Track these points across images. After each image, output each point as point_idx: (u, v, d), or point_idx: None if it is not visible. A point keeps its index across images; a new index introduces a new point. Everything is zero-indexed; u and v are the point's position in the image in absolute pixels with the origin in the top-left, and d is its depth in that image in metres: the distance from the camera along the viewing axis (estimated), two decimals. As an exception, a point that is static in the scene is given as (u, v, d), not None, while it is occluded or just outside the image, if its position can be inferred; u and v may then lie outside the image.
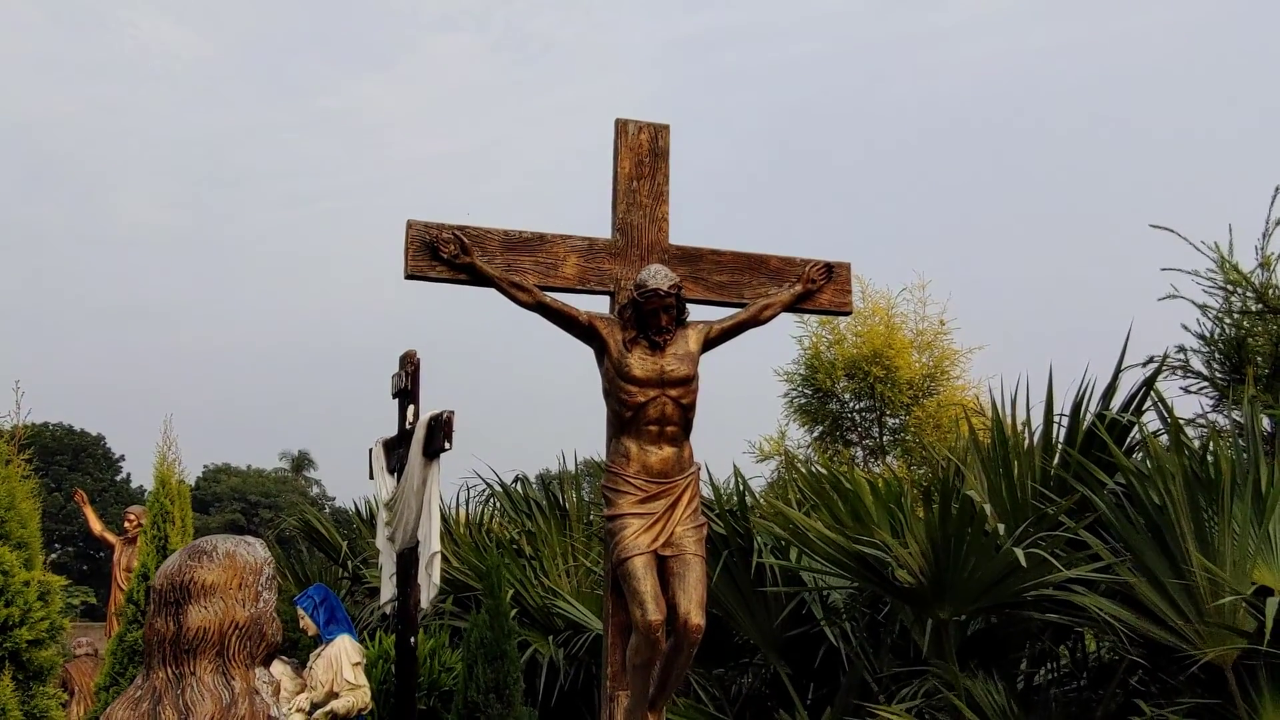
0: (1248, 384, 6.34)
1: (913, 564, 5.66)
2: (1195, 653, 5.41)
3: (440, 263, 4.84)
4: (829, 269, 5.29)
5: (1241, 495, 5.65)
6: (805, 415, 12.23)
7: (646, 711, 4.72)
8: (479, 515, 11.20)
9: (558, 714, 8.83)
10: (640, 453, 4.76)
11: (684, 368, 4.79)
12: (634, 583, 4.58)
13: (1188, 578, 5.44)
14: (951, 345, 12.30)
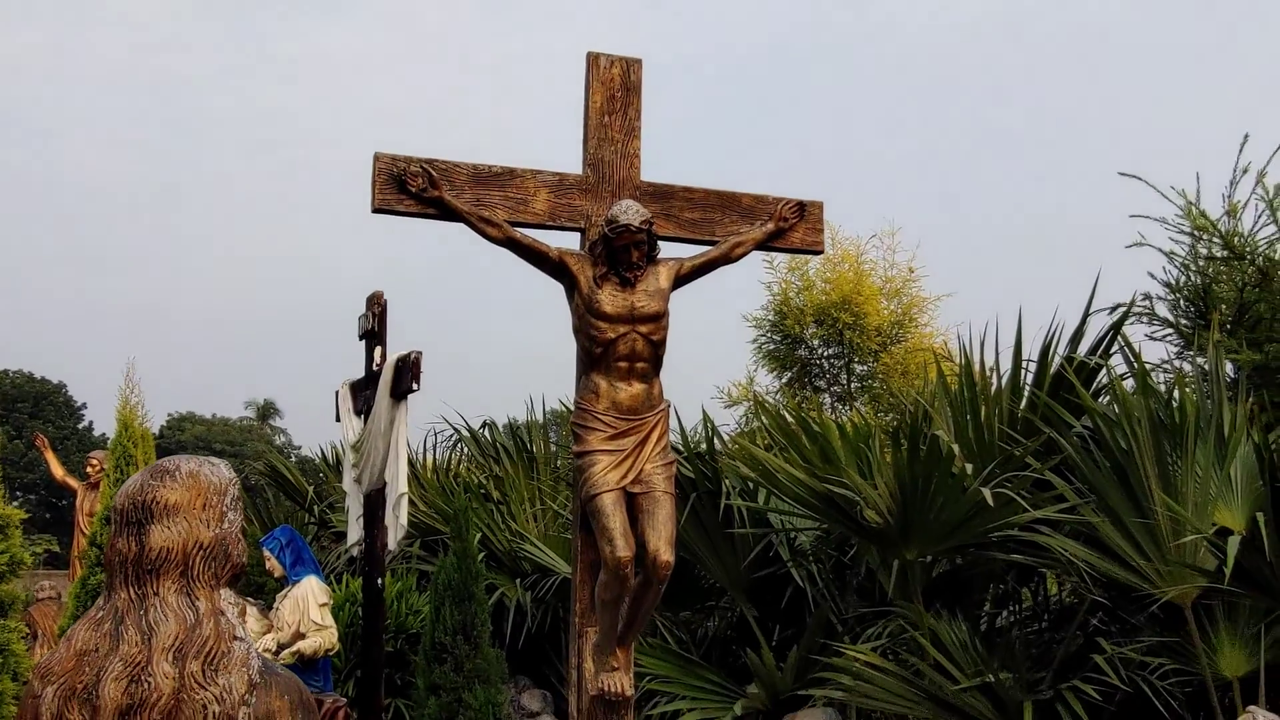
0: (1212, 330, 6.38)
1: (880, 504, 5.69)
2: (1156, 592, 5.49)
3: (408, 196, 4.75)
4: (801, 207, 5.25)
5: (1204, 439, 5.71)
6: (774, 361, 12.26)
7: (615, 647, 4.73)
8: (446, 460, 11.17)
9: (525, 656, 8.88)
10: (610, 389, 4.73)
11: (654, 304, 4.75)
12: (603, 519, 4.57)
13: (1151, 518, 5.51)
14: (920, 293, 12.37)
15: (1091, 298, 6.50)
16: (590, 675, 4.75)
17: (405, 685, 7.89)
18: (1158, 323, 7.44)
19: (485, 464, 10.42)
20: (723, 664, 7.47)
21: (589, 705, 4.75)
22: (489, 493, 9.63)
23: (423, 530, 9.36)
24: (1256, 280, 6.78)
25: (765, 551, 7.04)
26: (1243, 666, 5.60)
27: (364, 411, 7.03)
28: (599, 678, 4.71)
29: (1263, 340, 6.38)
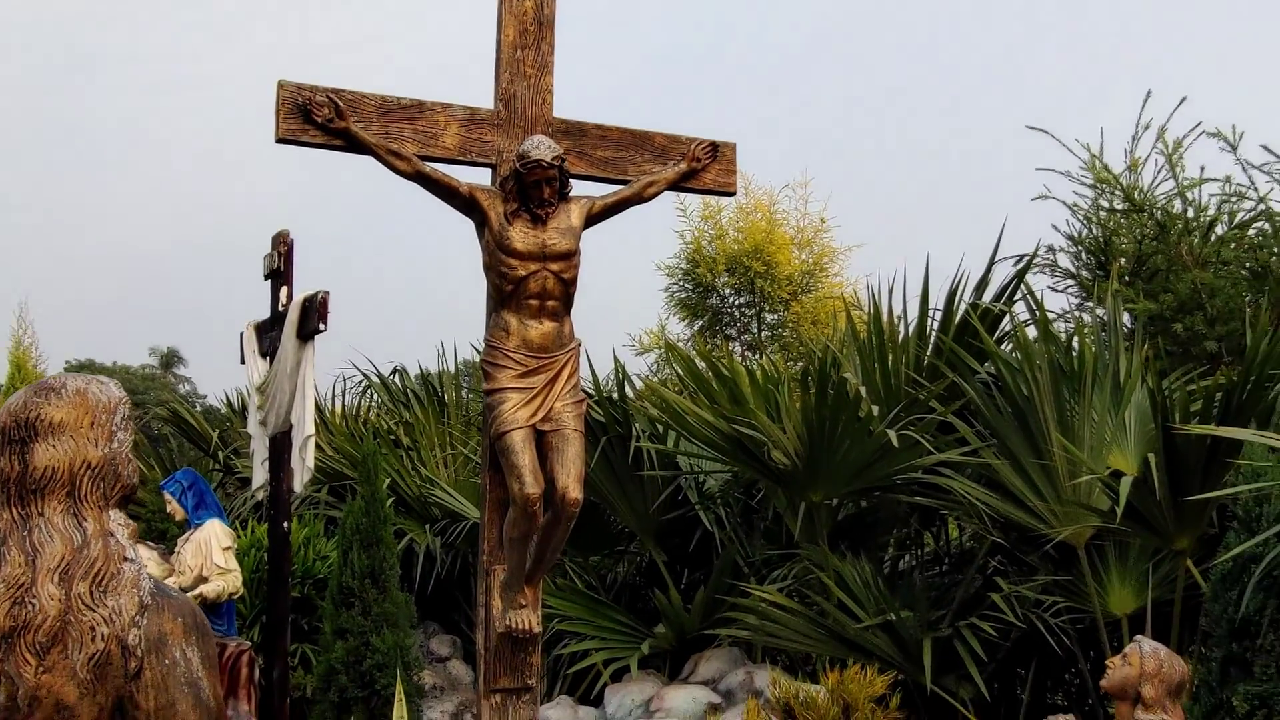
0: (1111, 280, 6.55)
1: (788, 446, 5.75)
2: (1051, 532, 5.66)
3: (314, 127, 4.62)
4: (714, 148, 5.23)
5: (1101, 385, 5.87)
6: (686, 309, 12.31)
7: (523, 585, 4.72)
8: (356, 407, 11.03)
9: (434, 601, 8.85)
10: (520, 327, 4.69)
11: (566, 242, 4.70)
12: (512, 457, 4.54)
13: (1048, 461, 5.66)
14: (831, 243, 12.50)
15: (996, 247, 6.63)
16: (498, 613, 4.74)
17: (312, 630, 7.81)
18: (1060, 273, 7.63)
19: (396, 410, 10.30)
20: (632, 607, 7.54)
21: (496, 643, 4.74)
22: (399, 439, 9.53)
23: (330, 476, 9.24)
24: (1154, 233, 6.97)
25: (674, 495, 7.09)
26: (1131, 604, 5.81)
27: (269, 353, 6.89)
28: (506, 615, 4.70)
29: (1159, 291, 6.57)
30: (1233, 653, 4.53)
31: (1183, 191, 7.16)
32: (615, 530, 7.79)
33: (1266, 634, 4.40)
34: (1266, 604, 4.42)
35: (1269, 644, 4.38)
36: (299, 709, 7.41)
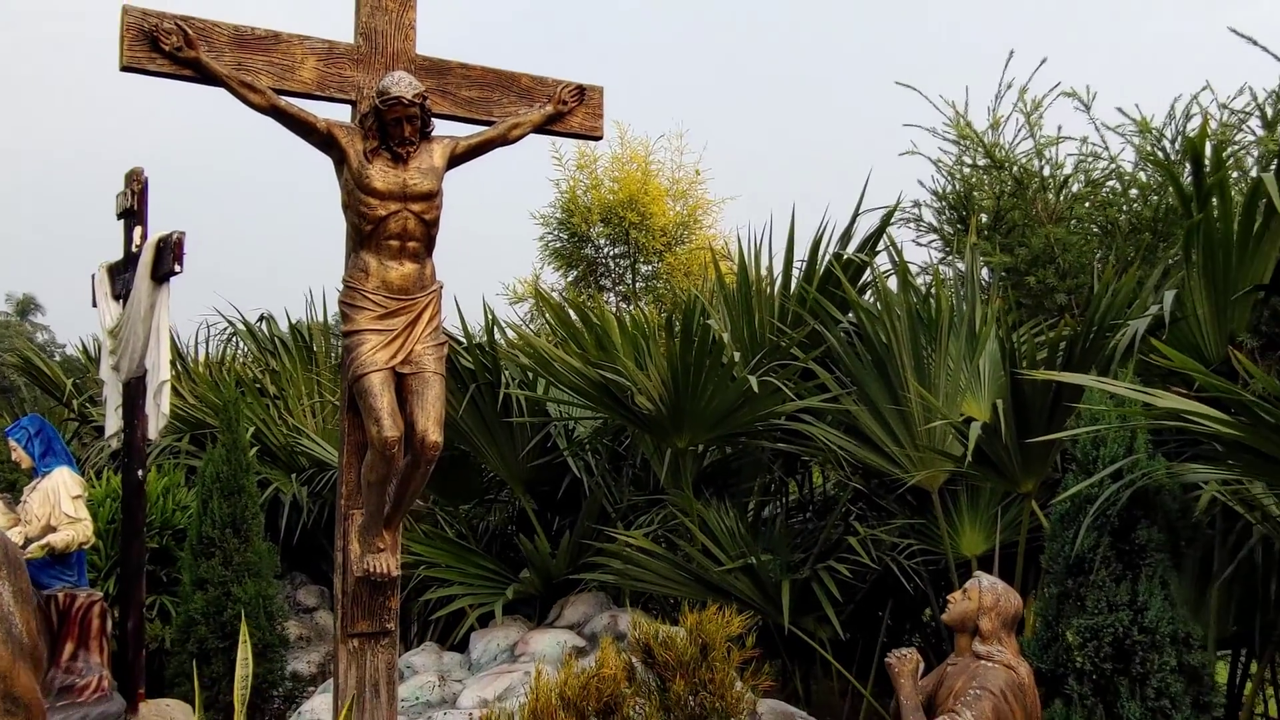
0: (970, 234, 6.74)
1: (653, 391, 5.80)
2: (906, 476, 5.84)
3: (161, 55, 4.43)
4: (581, 91, 5.19)
5: (957, 334, 6.05)
6: (560, 259, 12.26)
7: (382, 529, 4.68)
8: (221, 354, 10.72)
9: (300, 551, 8.72)
10: (380, 268, 4.61)
11: (427, 182, 4.63)
12: (370, 399, 4.48)
13: (905, 407, 5.82)
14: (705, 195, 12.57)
15: (861, 200, 6.75)
16: (356, 557, 4.69)
17: (172, 582, 7.62)
18: (924, 227, 7.81)
19: (263, 358, 10.05)
20: (503, 555, 7.54)
21: (354, 587, 4.70)
22: (265, 387, 9.31)
23: (192, 425, 8.99)
24: (1013, 189, 7.18)
25: (544, 442, 7.10)
26: (980, 546, 6.04)
27: (122, 296, 6.65)
28: (364, 559, 4.66)
29: (1015, 245, 6.78)
30: (1068, 589, 4.75)
31: (1040, 150, 7.39)
32: (486, 479, 7.77)
33: (1099, 570, 4.62)
34: (1099, 542, 4.64)
35: (1100, 580, 4.61)
36: (156, 661, 7.25)
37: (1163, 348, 4.45)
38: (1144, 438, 4.75)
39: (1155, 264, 6.26)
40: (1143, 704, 4.44)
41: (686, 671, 4.67)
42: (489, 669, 6.03)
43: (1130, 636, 4.48)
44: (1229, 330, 5.14)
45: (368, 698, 4.70)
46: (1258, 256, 5.11)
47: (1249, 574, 5.43)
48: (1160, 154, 6.82)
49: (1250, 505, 5.06)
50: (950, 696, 4.05)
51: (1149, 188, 6.83)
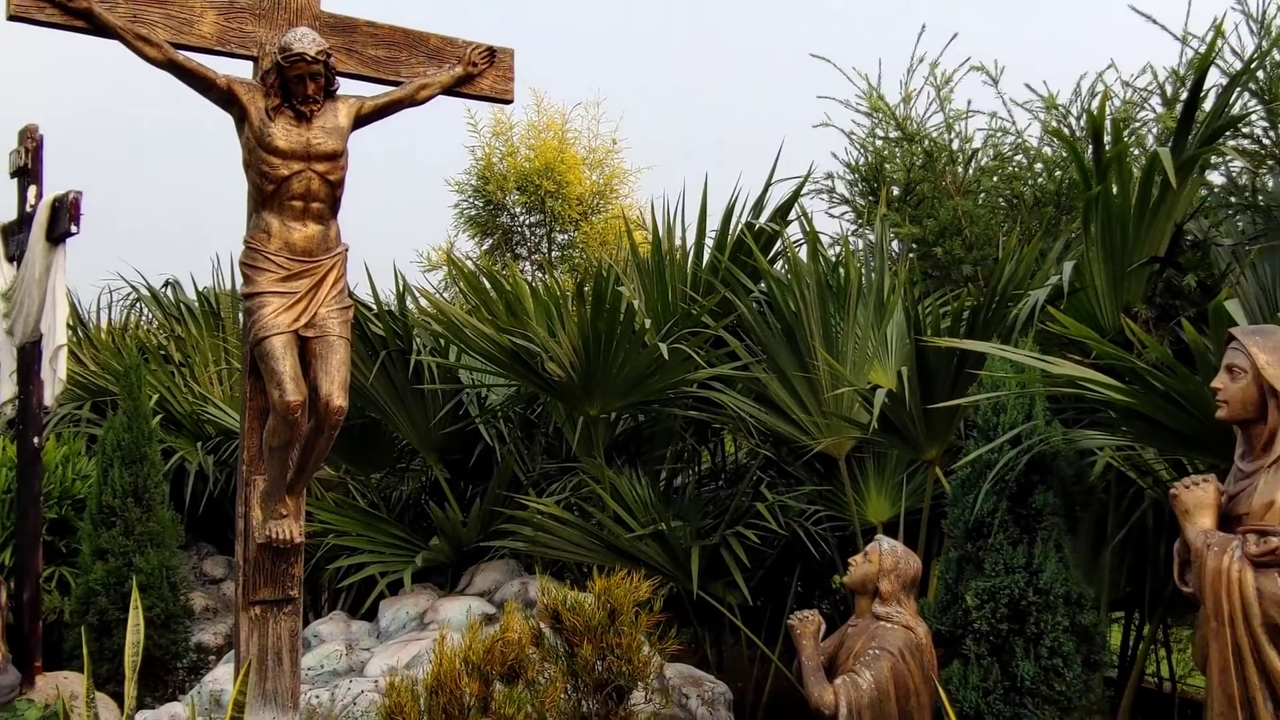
0: (880, 205, 6.82)
1: (564, 358, 5.78)
2: (813, 443, 5.91)
3: (51, 4, 4.27)
4: (492, 53, 5.13)
5: (865, 303, 6.13)
6: (476, 226, 12.15)
7: (285, 495, 4.61)
8: (124, 320, 10.44)
9: (206, 520, 8.57)
10: (283, 229, 4.52)
11: (332, 142, 4.54)
12: (272, 363, 4.40)
13: (813, 373, 5.89)
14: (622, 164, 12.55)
15: (773, 169, 6.79)
16: (258, 523, 4.62)
17: (71, 553, 7.43)
18: (836, 198, 7.89)
19: (168, 324, 9.81)
20: (416, 525, 7.49)
21: (256, 554, 4.63)
22: (169, 354, 9.10)
23: (93, 392, 8.75)
24: (923, 162, 7.28)
25: (456, 410, 7.04)
26: (886, 512, 6.14)
27: (16, 257, 6.43)
28: (267, 525, 4.59)
29: (924, 217, 6.88)
30: (967, 552, 4.86)
31: (950, 124, 7.49)
32: (398, 447, 7.69)
33: (997, 534, 4.73)
34: (998, 506, 4.75)
35: (998, 543, 4.72)
36: (55, 633, 7.07)
37: (1060, 316, 4.56)
38: (1042, 405, 4.86)
39: (1058, 236, 6.39)
40: (1036, 663, 4.56)
41: (594, 636, 4.68)
42: (397, 637, 5.99)
43: (1026, 598, 4.59)
44: (1125, 301, 5.28)
45: (270, 666, 4.64)
46: (1153, 229, 5.25)
47: (1140, 538, 5.61)
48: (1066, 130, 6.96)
49: (1142, 471, 5.22)
50: (850, 657, 4.13)
51: (1054, 162, 6.98)
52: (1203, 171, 5.64)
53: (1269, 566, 2.92)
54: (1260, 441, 3.14)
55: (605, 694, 4.70)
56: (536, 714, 4.15)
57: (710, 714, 5.57)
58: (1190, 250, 5.52)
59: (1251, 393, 3.15)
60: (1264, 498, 3.03)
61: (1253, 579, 2.94)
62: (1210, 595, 3.03)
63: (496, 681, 4.08)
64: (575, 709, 4.73)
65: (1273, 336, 3.19)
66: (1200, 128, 5.22)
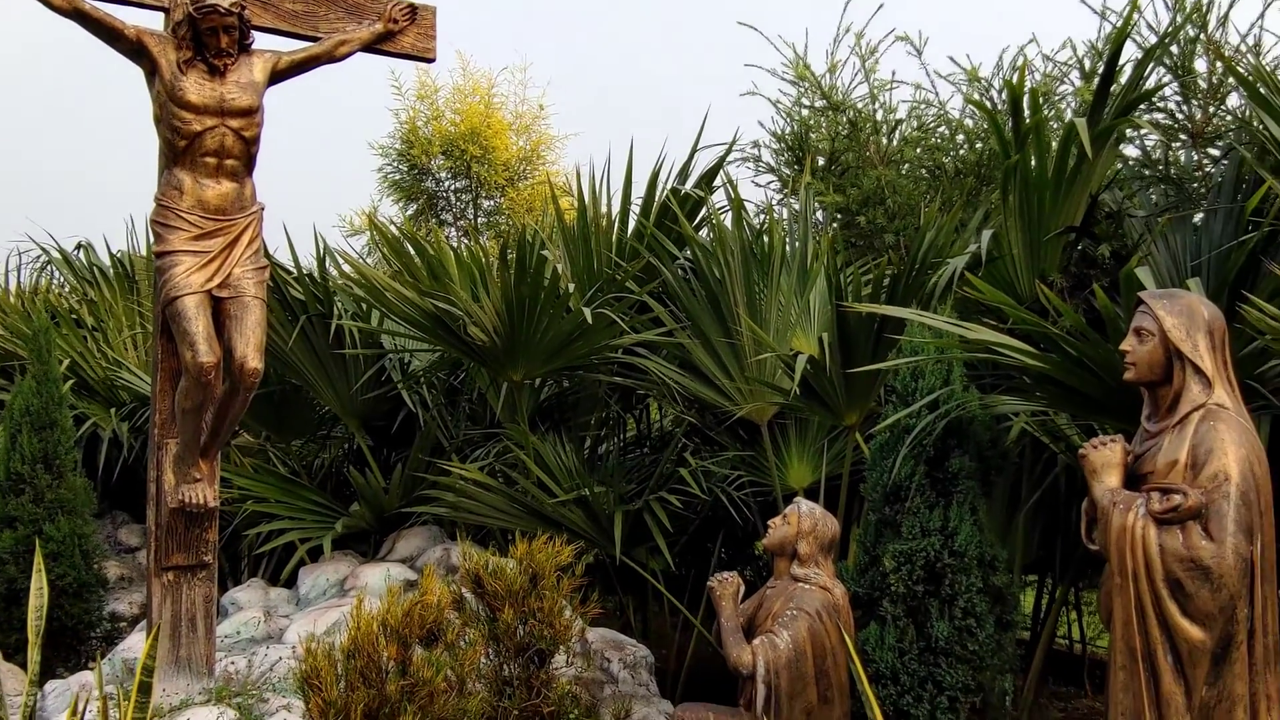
0: (804, 173, 6.85)
1: (487, 322, 5.73)
2: (735, 408, 5.94)
3: (-52, -52, 4.11)
4: (413, 10, 5.04)
5: (789, 270, 6.16)
6: (400, 191, 11.97)
7: (198, 458, 4.53)
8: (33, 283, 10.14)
9: (120, 487, 8.38)
10: (196, 187, 4.42)
11: (246, 97, 4.44)
12: (185, 323, 4.31)
13: (736, 340, 5.91)
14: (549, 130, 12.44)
15: (699, 135, 6.78)
16: (170, 488, 4.54)
17: (-22, 521, 7.22)
18: (763, 167, 7.90)
19: (80, 288, 9.54)
20: (339, 493, 7.40)
21: (169, 518, 4.54)
22: (82, 319, 8.85)
23: (1, 357, 8.49)
24: (848, 131, 7.32)
25: (378, 376, 6.96)
26: (808, 478, 6.21)
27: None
28: (180, 490, 4.51)
29: (848, 186, 6.92)
30: (885, 516, 4.92)
31: (874, 94, 7.54)
32: (319, 414, 7.58)
33: (914, 497, 4.80)
34: (915, 470, 4.82)
35: (915, 506, 4.79)
36: (-40, 603, 6.87)
37: (977, 282, 4.62)
38: (960, 371, 4.93)
39: (978, 207, 6.48)
40: (950, 623, 4.65)
41: (516, 601, 4.68)
42: (317, 604, 5.93)
43: (941, 560, 4.67)
44: (1041, 269, 5.37)
45: (183, 632, 4.57)
46: (1069, 200, 5.34)
47: (1053, 502, 5.74)
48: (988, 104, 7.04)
49: (1056, 436, 5.33)
50: (769, 618, 4.17)
51: (975, 134, 7.06)
52: (1118, 144, 5.75)
53: (1171, 523, 3.01)
54: (1165, 403, 3.22)
55: (527, 658, 4.70)
56: (456, 677, 4.13)
57: (632, 677, 5.60)
58: (1105, 221, 5.63)
59: (1158, 355, 3.22)
60: (1168, 457, 3.11)
61: (1155, 535, 3.02)
62: (1115, 551, 3.11)
63: (415, 645, 4.05)
64: (496, 673, 4.73)
65: (1179, 300, 3.27)
66: (1115, 100, 5.31)
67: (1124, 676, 3.08)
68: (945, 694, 4.61)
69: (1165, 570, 2.99)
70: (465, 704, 4.00)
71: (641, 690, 5.58)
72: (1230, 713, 2.94)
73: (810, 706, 4.04)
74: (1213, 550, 2.92)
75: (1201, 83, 5.85)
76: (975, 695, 4.70)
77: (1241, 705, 2.94)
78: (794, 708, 4.01)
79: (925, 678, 4.64)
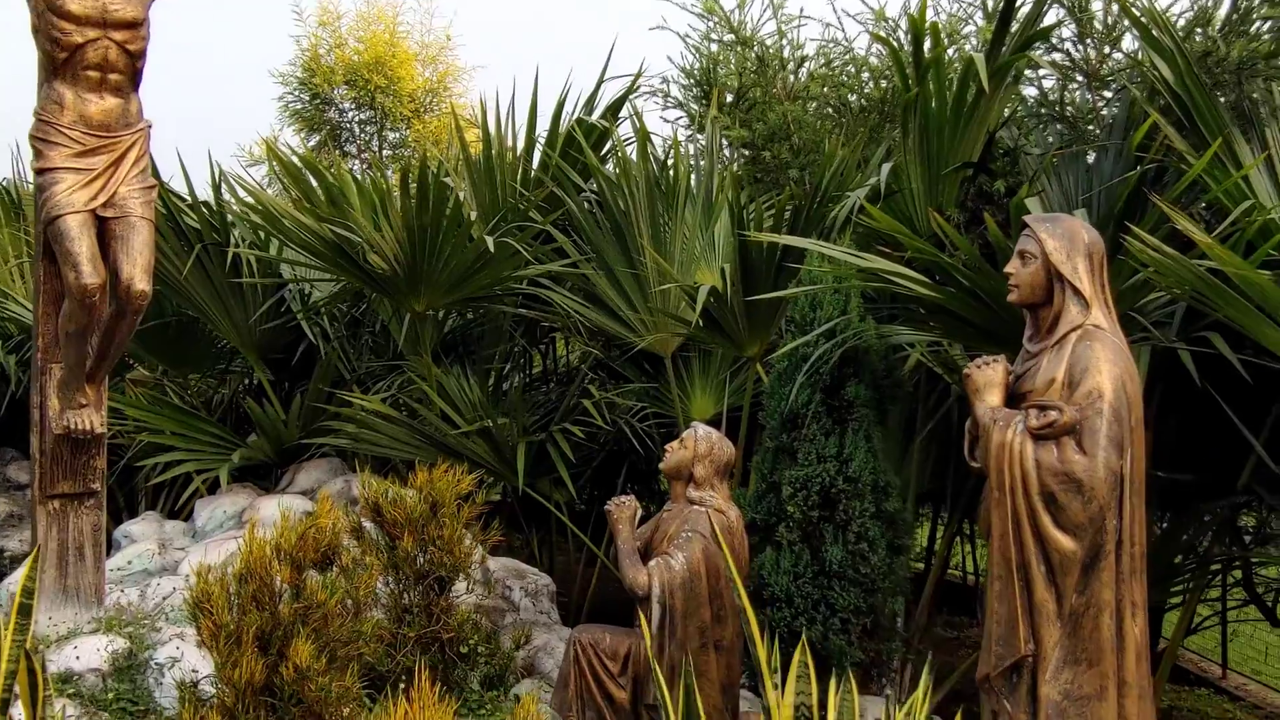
0: (711, 107, 6.84)
1: (387, 250, 5.65)
2: (638, 340, 5.96)
3: None
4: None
5: (694, 203, 6.17)
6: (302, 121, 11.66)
7: (84, 383, 4.40)
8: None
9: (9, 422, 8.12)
10: (78, 101, 4.25)
11: (131, 9, 4.28)
12: (68, 243, 4.17)
13: (641, 271, 5.92)
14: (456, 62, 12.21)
15: (605, 67, 6.73)
16: (55, 413, 4.41)
17: None
18: (671, 102, 7.87)
19: (-37, 217, 9.14)
20: (239, 428, 7.27)
21: (54, 445, 4.42)
22: (-34, 248, 8.50)
23: (-123, 286, 8.13)
24: (755, 67, 7.31)
25: (278, 307, 6.82)
26: (710, 409, 6.27)
27: None
28: (65, 415, 4.39)
29: (754, 121, 6.93)
30: (783, 443, 5.00)
31: (782, 30, 7.53)
32: (218, 347, 7.42)
33: (810, 424, 4.88)
34: (812, 398, 4.89)
35: (811, 434, 4.87)
36: None
37: (874, 211, 4.68)
38: (857, 302, 5.00)
39: (880, 143, 6.54)
40: (844, 547, 4.76)
41: (415, 529, 4.67)
42: (214, 536, 5.84)
43: (836, 486, 4.77)
44: (938, 204, 5.45)
45: (70, 561, 4.48)
46: (967, 135, 5.41)
47: (947, 434, 5.88)
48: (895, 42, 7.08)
49: (950, 368, 5.45)
50: (665, 540, 4.22)
51: (880, 72, 7.10)
52: (1016, 82, 5.84)
53: (1047, 439, 3.10)
54: (1046, 324, 3.31)
55: (426, 585, 4.70)
56: (353, 601, 4.12)
57: (533, 605, 5.64)
58: (1002, 158, 5.73)
59: (1040, 277, 3.30)
60: (1046, 376, 3.20)
61: (1032, 451, 3.12)
62: (994, 467, 3.21)
63: (310, 570, 4.02)
64: (396, 601, 4.72)
65: (1061, 224, 3.35)
66: (1014, 38, 5.38)
67: (999, 586, 3.19)
68: (837, 616, 4.73)
69: (1040, 484, 3.09)
70: (360, 627, 3.99)
71: (543, 618, 5.63)
72: (1097, 619, 3.06)
73: (704, 625, 4.11)
74: (1085, 464, 3.03)
75: (1098, 25, 5.96)
76: (866, 617, 4.83)
77: (1108, 611, 3.06)
78: (688, 627, 4.08)
79: (819, 600, 4.75)
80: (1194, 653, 8.96)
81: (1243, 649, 8.92)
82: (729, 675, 4.22)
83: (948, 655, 7.57)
